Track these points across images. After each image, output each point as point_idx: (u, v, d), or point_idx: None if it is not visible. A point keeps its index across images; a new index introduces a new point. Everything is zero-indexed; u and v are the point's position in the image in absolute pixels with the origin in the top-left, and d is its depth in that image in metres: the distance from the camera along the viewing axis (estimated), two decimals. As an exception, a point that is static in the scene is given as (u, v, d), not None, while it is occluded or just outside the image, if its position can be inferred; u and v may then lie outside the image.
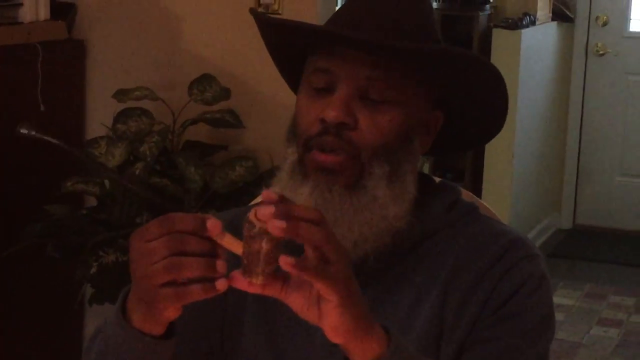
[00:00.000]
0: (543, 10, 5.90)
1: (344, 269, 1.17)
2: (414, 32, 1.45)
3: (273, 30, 1.51)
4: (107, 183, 3.32)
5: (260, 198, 1.17)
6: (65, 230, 3.28)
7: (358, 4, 1.48)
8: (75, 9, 3.72)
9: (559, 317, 5.00)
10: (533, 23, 5.71)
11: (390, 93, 1.41)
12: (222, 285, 1.16)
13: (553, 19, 6.12)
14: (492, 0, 5.87)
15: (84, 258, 3.17)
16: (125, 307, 1.27)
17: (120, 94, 3.39)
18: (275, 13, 3.40)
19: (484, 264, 1.44)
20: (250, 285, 1.17)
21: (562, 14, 6.21)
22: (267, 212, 1.12)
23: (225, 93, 3.40)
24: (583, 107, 6.50)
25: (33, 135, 3.05)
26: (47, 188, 3.41)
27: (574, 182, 6.57)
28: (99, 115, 3.64)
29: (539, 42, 5.86)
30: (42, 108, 3.49)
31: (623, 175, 6.48)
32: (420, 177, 1.53)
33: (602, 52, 6.42)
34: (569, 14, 6.29)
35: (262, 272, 1.16)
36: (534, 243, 1.52)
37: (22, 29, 3.49)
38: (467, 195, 1.62)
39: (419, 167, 1.54)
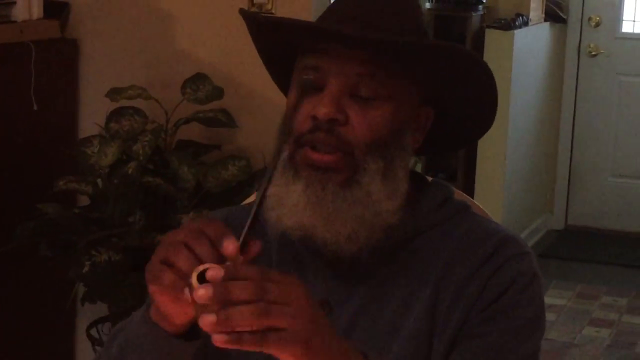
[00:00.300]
0: (536, 11, 5.91)
1: (299, 330, 1.15)
2: (402, 28, 1.45)
3: (262, 29, 1.51)
4: (99, 182, 3.32)
5: (252, 198, 1.17)
6: (58, 229, 3.28)
7: (347, 2, 1.48)
8: (69, 8, 3.71)
9: (551, 317, 5.01)
10: (526, 24, 5.72)
11: (380, 89, 1.42)
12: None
13: (546, 20, 6.13)
14: (485, 1, 5.88)
15: (77, 257, 3.17)
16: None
17: (114, 93, 3.39)
18: (269, 13, 3.40)
19: (475, 262, 1.44)
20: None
21: (554, 15, 6.22)
22: (205, 294, 1.12)
23: (219, 92, 3.40)
24: (575, 107, 6.51)
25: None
26: (40, 187, 3.41)
27: (566, 182, 6.58)
28: (92, 114, 3.64)
29: (532, 42, 5.87)
30: (35, 107, 3.49)
31: (615, 176, 6.49)
32: (413, 175, 1.54)
33: (594, 52, 6.43)
34: (562, 15, 6.30)
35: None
36: (526, 242, 1.53)
37: (15, 28, 3.49)
38: (459, 195, 1.62)
39: (412, 166, 1.54)
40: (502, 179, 5.59)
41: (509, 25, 5.56)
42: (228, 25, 3.50)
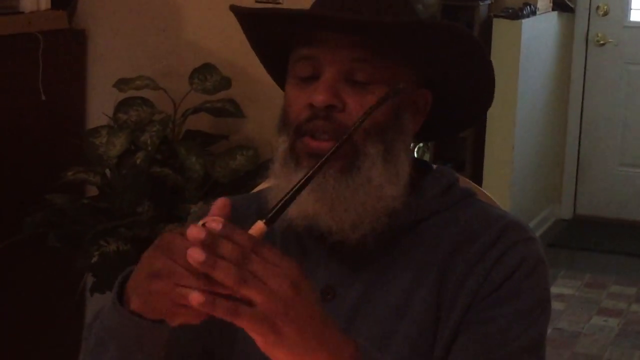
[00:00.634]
0: (543, 0, 5.90)
1: (271, 313, 1.11)
2: (394, 11, 1.45)
3: (254, 21, 1.51)
4: (108, 173, 3.32)
5: (262, 186, 1.16)
6: (67, 220, 3.28)
7: None
8: (76, -1, 3.72)
9: (559, 306, 5.01)
10: (534, 13, 5.70)
11: (376, 73, 1.41)
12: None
13: (553, 9, 6.12)
14: (492, -10, 5.87)
15: (85, 247, 3.17)
16: (123, 292, 1.28)
17: (121, 84, 3.39)
18: (276, 3, 3.40)
19: (480, 248, 1.44)
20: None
21: (562, 4, 6.21)
22: (196, 235, 1.10)
23: (226, 82, 3.40)
24: (583, 97, 6.50)
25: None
26: (48, 177, 3.42)
27: (575, 172, 6.57)
28: (100, 105, 3.64)
29: (540, 32, 5.86)
30: (43, 97, 3.49)
31: (623, 165, 6.48)
32: (418, 162, 1.54)
33: (602, 42, 6.41)
34: (570, 4, 6.29)
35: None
36: (534, 231, 1.52)
37: (22, 19, 3.49)
38: (464, 181, 1.62)
39: (420, 156, 1.54)
40: (510, 169, 5.58)
41: (517, 15, 5.55)
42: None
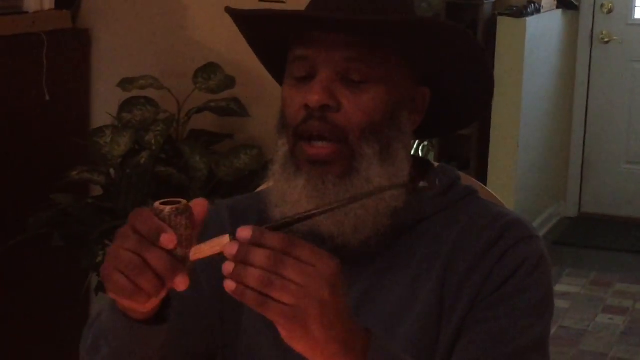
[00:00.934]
0: (548, -2, 5.89)
1: (300, 312, 1.13)
2: (388, 9, 1.45)
3: (249, 22, 1.51)
4: (112, 172, 3.32)
5: (264, 186, 1.17)
6: (71, 219, 3.28)
7: None
8: (80, -2, 3.72)
9: (565, 304, 5.01)
10: (538, 11, 5.69)
11: (371, 72, 1.41)
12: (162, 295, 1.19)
13: (558, 7, 6.11)
14: (496, -12, 5.86)
15: (90, 247, 3.17)
16: None
17: (126, 83, 3.39)
18: (280, 2, 3.40)
19: (482, 246, 1.44)
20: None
21: (567, 2, 6.20)
22: (229, 251, 1.14)
23: (230, 81, 3.40)
24: (588, 94, 6.49)
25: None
26: (52, 177, 3.42)
27: (579, 170, 6.56)
28: (104, 105, 3.64)
29: (544, 30, 5.85)
30: (47, 97, 3.50)
31: (628, 163, 6.47)
32: (419, 160, 1.54)
33: (607, 39, 6.40)
34: (574, 2, 6.28)
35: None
36: (538, 230, 1.52)
37: (26, 19, 3.49)
38: (466, 179, 1.62)
39: (424, 155, 1.54)
40: (514, 167, 5.57)
41: (521, 13, 5.54)
42: (239, 15, 3.50)
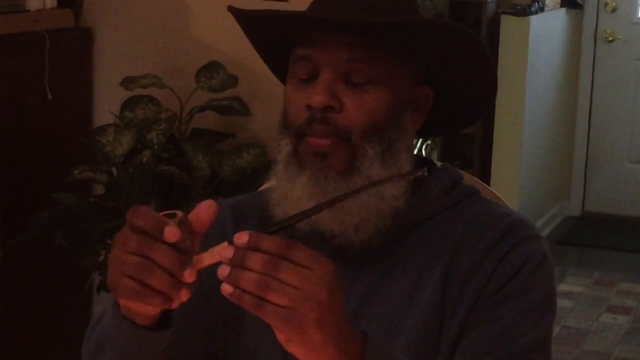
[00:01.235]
0: (551, -3, 5.89)
1: (297, 315, 1.13)
2: (391, 10, 1.44)
3: (252, 22, 1.51)
4: (114, 171, 3.32)
5: (266, 185, 1.16)
6: (73, 218, 3.28)
7: None
8: (82, -3, 3.72)
9: (568, 304, 5.00)
10: (542, 9, 5.69)
11: (373, 73, 1.41)
12: (185, 297, 1.18)
13: (562, 6, 6.10)
14: (500, -13, 5.86)
15: (92, 246, 3.17)
16: None
17: (128, 82, 3.39)
18: (283, 1, 3.39)
19: (485, 246, 1.44)
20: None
21: (571, 1, 6.19)
22: (226, 255, 1.14)
23: (233, 80, 3.40)
24: (592, 93, 6.48)
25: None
26: (54, 176, 3.42)
27: (583, 169, 6.56)
28: (107, 103, 3.64)
29: (548, 28, 5.85)
30: (49, 96, 3.49)
31: (632, 162, 6.47)
32: (422, 160, 1.53)
33: (611, 38, 6.39)
34: (578, 1, 6.27)
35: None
36: (542, 229, 1.52)
37: (28, 17, 3.49)
38: (469, 179, 1.61)
39: (428, 154, 1.53)
40: (518, 166, 5.57)
41: (525, 11, 5.53)
42: (242, 13, 3.49)
